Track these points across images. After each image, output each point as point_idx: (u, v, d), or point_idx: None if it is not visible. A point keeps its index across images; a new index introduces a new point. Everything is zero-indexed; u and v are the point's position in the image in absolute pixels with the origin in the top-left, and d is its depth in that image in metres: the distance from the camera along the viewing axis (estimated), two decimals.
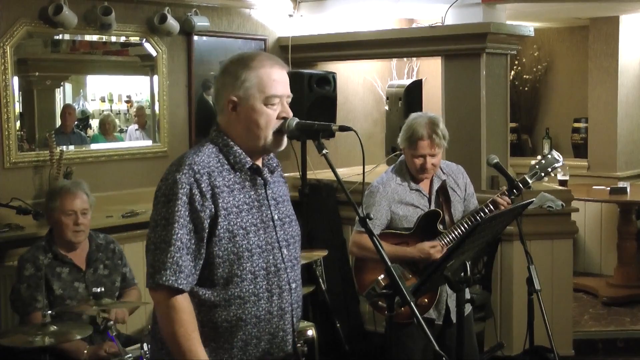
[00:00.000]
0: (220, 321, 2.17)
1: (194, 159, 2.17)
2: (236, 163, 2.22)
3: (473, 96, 4.85)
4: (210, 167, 2.17)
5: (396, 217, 3.43)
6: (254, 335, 2.20)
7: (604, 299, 5.94)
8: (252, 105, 2.20)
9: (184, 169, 2.15)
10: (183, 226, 2.11)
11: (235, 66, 2.23)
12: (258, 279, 2.19)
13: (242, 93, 2.20)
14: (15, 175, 4.18)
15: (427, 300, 3.36)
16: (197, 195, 2.13)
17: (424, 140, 3.35)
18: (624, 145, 6.71)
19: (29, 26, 4.19)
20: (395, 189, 3.44)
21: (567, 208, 4.82)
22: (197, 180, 2.13)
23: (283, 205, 2.33)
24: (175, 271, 2.09)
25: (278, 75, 2.23)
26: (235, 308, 2.17)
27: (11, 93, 4.14)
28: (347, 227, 5.28)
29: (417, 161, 3.39)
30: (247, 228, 2.18)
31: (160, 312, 2.14)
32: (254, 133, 2.22)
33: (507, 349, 4.76)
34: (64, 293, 3.58)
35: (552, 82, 7.36)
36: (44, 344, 2.99)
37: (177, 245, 2.10)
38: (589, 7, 6.02)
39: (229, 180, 2.19)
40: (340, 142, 5.48)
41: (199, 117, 5.04)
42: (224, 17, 5.21)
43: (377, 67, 6.21)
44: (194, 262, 2.13)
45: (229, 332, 2.18)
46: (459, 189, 3.52)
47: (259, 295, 2.19)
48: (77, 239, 3.67)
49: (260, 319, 2.20)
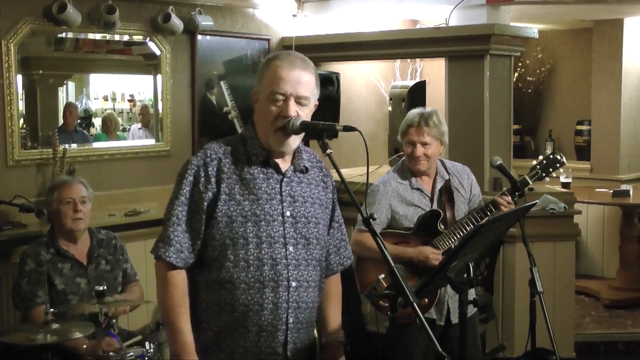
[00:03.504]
0: (212, 303, 2.25)
1: (211, 145, 2.30)
2: (253, 154, 2.28)
3: (476, 97, 4.85)
4: (225, 153, 2.28)
5: (397, 217, 3.43)
6: (241, 324, 2.23)
7: (605, 301, 5.93)
8: (261, 100, 2.29)
9: (200, 152, 2.29)
10: (182, 203, 2.24)
11: (264, 63, 2.33)
12: (251, 268, 2.22)
13: (258, 87, 2.30)
14: (18, 173, 4.18)
15: (427, 301, 3.36)
16: (202, 177, 2.23)
17: (413, 127, 3.38)
18: (627, 148, 6.71)
19: (33, 24, 4.19)
20: (396, 188, 3.44)
21: (569, 210, 4.82)
22: (206, 163, 2.25)
23: (304, 205, 2.33)
24: (166, 244, 2.23)
25: (287, 73, 2.25)
26: (225, 292, 2.23)
27: (15, 91, 4.14)
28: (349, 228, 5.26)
29: (407, 149, 3.41)
30: (246, 217, 2.23)
31: (158, 281, 2.27)
32: (262, 127, 2.28)
33: (508, 351, 4.76)
34: (65, 288, 3.58)
35: (555, 84, 7.36)
36: (46, 341, 2.99)
37: (173, 221, 2.24)
38: (593, 10, 6.02)
39: (242, 169, 2.27)
40: (343, 142, 5.48)
41: (202, 117, 5.04)
42: (228, 16, 5.21)
43: (381, 67, 6.21)
44: (191, 240, 2.24)
45: (217, 316, 2.24)
46: (464, 190, 3.51)
47: (249, 284, 2.22)
48: (77, 227, 3.66)
49: (248, 308, 2.22)
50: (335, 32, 5.62)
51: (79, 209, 3.66)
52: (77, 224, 3.66)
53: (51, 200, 3.70)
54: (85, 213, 3.69)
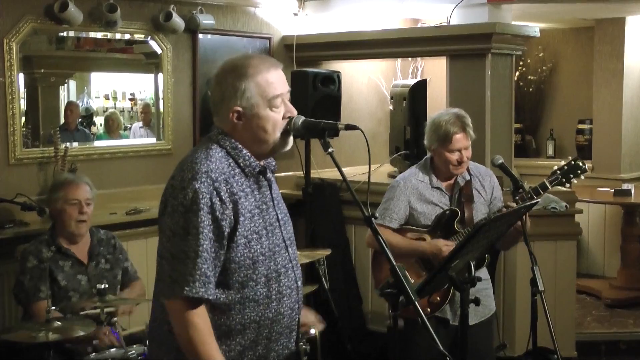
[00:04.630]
0: (234, 324, 2.17)
1: (209, 166, 2.13)
2: (246, 167, 2.20)
3: (478, 96, 4.84)
4: (225, 173, 2.15)
5: (415, 214, 3.44)
6: (264, 336, 2.21)
7: (607, 300, 5.93)
8: (257, 113, 2.18)
9: (202, 177, 2.11)
10: (207, 237, 2.08)
11: (231, 77, 2.19)
12: (271, 282, 2.20)
13: (245, 103, 2.17)
14: (20, 171, 4.18)
15: (439, 299, 3.36)
16: (217, 204, 2.10)
17: (459, 134, 3.37)
18: (629, 147, 6.70)
19: (35, 23, 4.19)
20: (416, 185, 3.45)
21: (570, 209, 4.81)
22: (216, 188, 2.11)
23: (281, 204, 2.34)
24: (205, 282, 2.08)
25: (274, 76, 2.21)
26: (249, 311, 2.17)
27: (16, 90, 4.14)
28: (351, 227, 5.28)
29: (453, 157, 3.38)
30: (259, 232, 2.18)
31: (179, 324, 2.11)
32: (262, 138, 2.21)
33: (509, 350, 4.76)
34: (68, 284, 3.61)
35: (556, 83, 7.35)
36: (48, 339, 3.00)
37: (204, 257, 2.07)
38: (594, 8, 6.01)
39: (242, 184, 2.18)
40: (344, 141, 5.48)
41: (203, 115, 5.04)
42: (229, 15, 5.21)
43: (382, 66, 6.20)
44: (214, 270, 2.11)
45: (240, 334, 2.18)
46: (484, 192, 3.50)
47: (271, 297, 2.20)
48: (79, 231, 3.69)
49: (272, 320, 2.21)
50: (336, 31, 5.62)
51: (84, 211, 3.68)
52: (80, 227, 3.69)
53: (56, 199, 3.70)
54: (89, 215, 3.72)
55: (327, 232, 5.12)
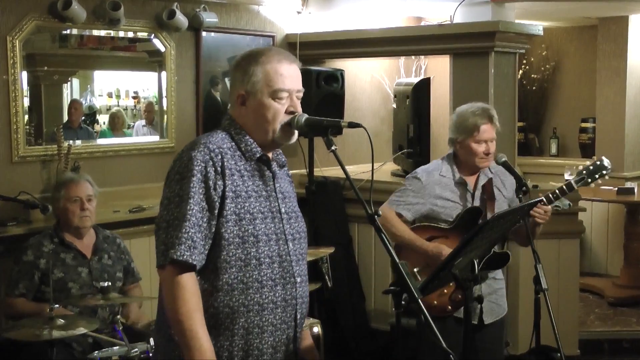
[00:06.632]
0: (222, 306, 2.15)
1: (209, 139, 2.19)
2: (247, 151, 2.23)
3: (481, 95, 4.83)
4: (224, 148, 2.19)
5: (435, 209, 3.40)
6: (255, 324, 2.18)
7: (610, 299, 5.93)
8: (259, 99, 2.22)
9: (199, 147, 2.16)
10: (197, 203, 2.10)
11: (245, 61, 2.25)
12: (262, 267, 2.18)
13: (250, 87, 2.22)
14: (23, 169, 4.19)
15: (460, 297, 3.33)
16: (211, 173, 2.13)
17: (487, 124, 3.37)
18: (632, 145, 6.69)
19: (38, 21, 4.20)
20: (438, 180, 3.42)
21: (574, 208, 4.81)
22: (212, 158, 2.14)
23: (290, 200, 2.34)
24: (190, 246, 2.08)
25: (286, 69, 2.23)
26: (237, 293, 2.16)
27: (20, 87, 4.14)
28: (354, 225, 5.28)
29: (480, 148, 3.36)
30: (254, 214, 2.18)
31: (166, 289, 2.11)
32: (263, 126, 2.23)
33: (512, 348, 4.76)
34: (65, 277, 3.65)
35: (560, 82, 7.34)
36: (51, 337, 3.01)
37: (192, 221, 2.09)
38: (598, 7, 6.01)
39: (240, 165, 2.21)
40: (347, 139, 5.48)
41: (206, 113, 5.04)
42: (233, 13, 5.21)
43: (385, 65, 6.20)
44: (204, 240, 2.12)
45: (230, 319, 2.16)
46: (505, 190, 3.48)
47: (262, 282, 2.18)
48: (83, 224, 3.76)
49: (262, 307, 2.18)
50: (339, 29, 5.61)
51: (85, 207, 3.76)
52: (83, 221, 3.77)
53: (58, 198, 3.78)
54: (92, 211, 3.80)
55: (330, 230, 5.12)
